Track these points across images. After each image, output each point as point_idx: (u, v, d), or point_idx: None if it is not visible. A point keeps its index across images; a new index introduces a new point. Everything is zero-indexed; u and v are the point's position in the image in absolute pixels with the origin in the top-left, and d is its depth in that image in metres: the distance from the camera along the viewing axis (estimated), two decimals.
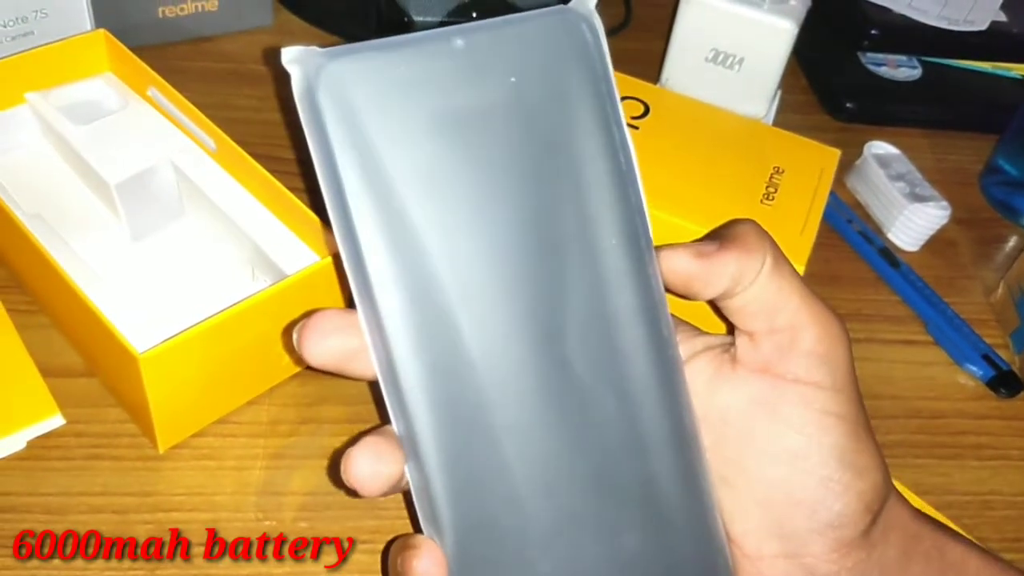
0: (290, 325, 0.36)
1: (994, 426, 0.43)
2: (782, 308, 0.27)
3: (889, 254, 0.50)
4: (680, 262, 0.26)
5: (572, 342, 0.25)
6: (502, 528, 0.25)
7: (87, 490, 0.34)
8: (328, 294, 0.37)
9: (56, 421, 0.36)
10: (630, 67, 0.44)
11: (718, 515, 0.28)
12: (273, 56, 0.54)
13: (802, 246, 0.39)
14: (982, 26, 0.60)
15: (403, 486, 0.25)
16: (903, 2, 0.59)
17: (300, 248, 0.39)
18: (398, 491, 0.25)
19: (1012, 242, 0.54)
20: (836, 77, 0.60)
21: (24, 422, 0.35)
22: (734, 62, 0.50)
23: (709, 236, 0.27)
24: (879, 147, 0.54)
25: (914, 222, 0.50)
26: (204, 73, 0.54)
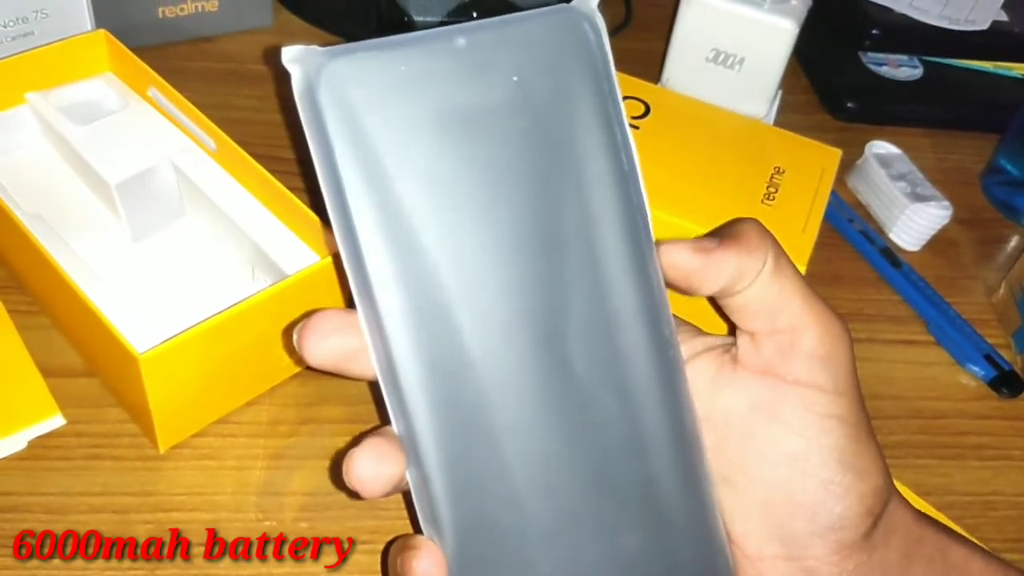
0: (290, 325, 0.36)
1: (996, 426, 0.43)
2: (783, 309, 0.27)
3: (890, 254, 0.50)
4: (680, 257, 0.26)
5: (573, 342, 0.25)
6: (502, 528, 0.25)
7: (87, 490, 0.34)
8: (328, 294, 0.37)
9: (57, 421, 0.36)
10: (631, 67, 0.44)
11: (719, 516, 0.28)
12: (273, 55, 0.54)
13: (803, 246, 0.39)
14: (983, 26, 0.60)
15: (404, 487, 0.25)
16: (904, 2, 0.59)
17: (300, 248, 0.39)
18: (399, 492, 0.25)
19: (1013, 242, 0.54)
20: (837, 77, 0.60)
21: (25, 422, 0.35)
22: (735, 62, 0.50)
23: (711, 233, 0.27)
24: (880, 147, 0.54)
25: (915, 222, 0.50)
26: (204, 73, 0.54)
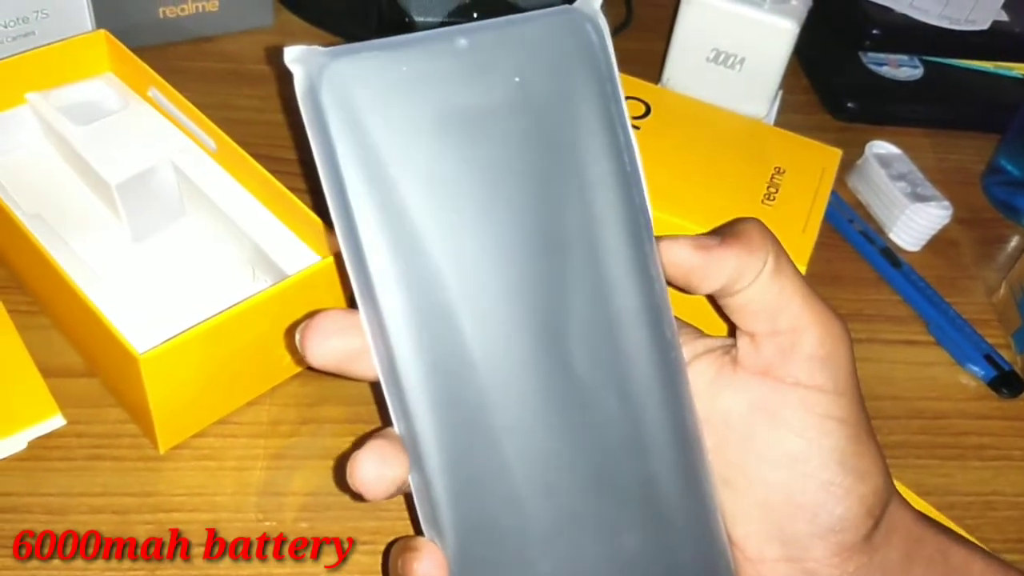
0: (292, 326, 0.36)
1: (996, 426, 0.43)
2: (784, 309, 0.27)
3: (891, 254, 0.50)
4: (680, 253, 0.26)
5: (574, 343, 0.25)
6: (503, 529, 0.25)
7: (88, 490, 0.34)
8: (329, 294, 0.37)
9: (57, 421, 0.36)
10: (631, 67, 0.44)
11: (720, 518, 0.28)
12: (275, 56, 0.54)
13: (803, 246, 0.39)
14: (984, 25, 0.60)
15: (407, 488, 0.25)
16: (904, 2, 0.59)
17: (301, 248, 0.39)
18: (402, 493, 0.25)
19: (1014, 242, 0.54)
20: (837, 77, 0.60)
21: (25, 422, 0.35)
22: (735, 62, 0.50)
23: (712, 232, 0.27)
24: (880, 147, 0.54)
25: (916, 222, 0.50)
26: (204, 73, 0.54)
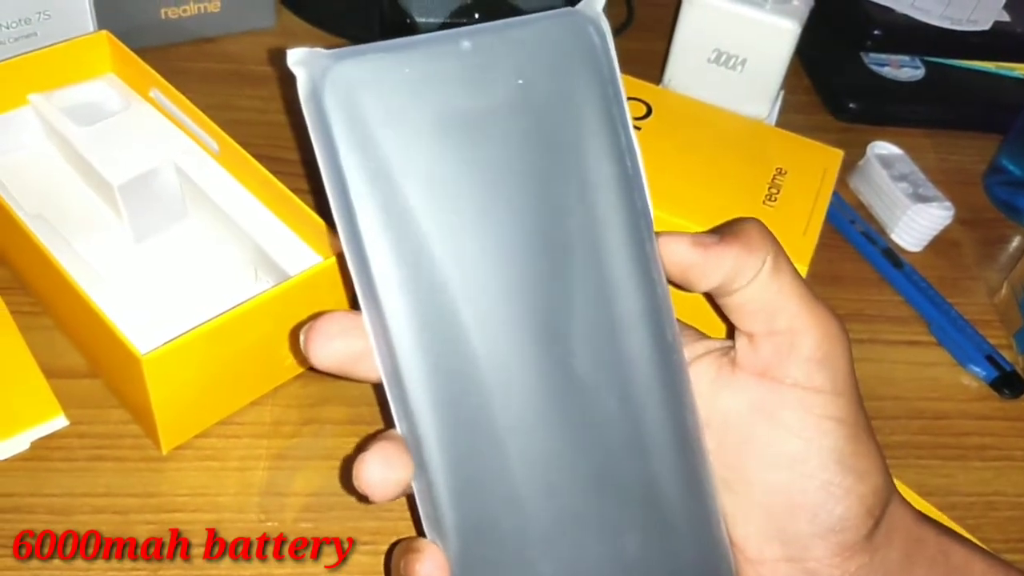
0: (295, 327, 0.36)
1: (998, 427, 0.43)
2: (782, 310, 0.27)
3: (892, 254, 0.50)
4: (679, 250, 0.26)
5: (576, 345, 0.25)
6: (505, 530, 0.25)
7: (90, 491, 0.35)
8: (331, 295, 0.37)
9: (59, 422, 0.36)
10: (632, 67, 0.44)
11: (722, 519, 0.28)
12: (278, 57, 0.54)
13: (805, 247, 0.39)
14: (985, 26, 0.60)
15: (411, 490, 0.25)
16: (906, 2, 0.59)
17: (303, 249, 0.39)
18: (407, 494, 0.25)
19: (1016, 242, 0.53)
20: (839, 77, 0.60)
21: (27, 423, 0.35)
22: (736, 63, 0.50)
23: (712, 230, 0.27)
24: (882, 147, 0.54)
25: (917, 222, 0.50)
26: (206, 74, 0.54)
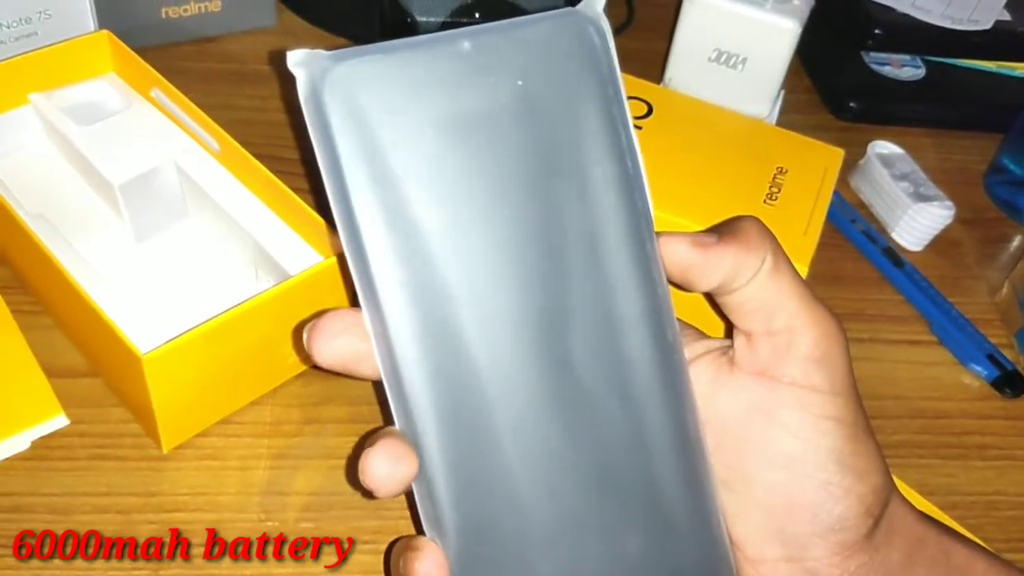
0: (298, 326, 0.36)
1: (999, 426, 0.43)
2: (780, 309, 0.27)
3: (893, 254, 0.50)
4: (678, 250, 0.26)
5: (577, 345, 0.25)
6: (504, 530, 0.25)
7: (91, 490, 0.35)
8: (332, 294, 0.37)
9: (60, 421, 0.36)
10: (633, 67, 0.44)
11: (722, 519, 0.28)
12: (278, 58, 0.54)
13: (805, 246, 0.39)
14: (986, 25, 0.60)
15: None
16: (907, 1, 0.59)
17: (303, 248, 0.39)
18: (408, 491, 0.25)
19: (1016, 242, 0.53)
20: (839, 77, 0.60)
21: (28, 422, 0.35)
22: (737, 62, 0.50)
23: (711, 229, 0.27)
24: (883, 147, 0.54)
25: (918, 222, 0.50)
26: (207, 74, 0.54)
